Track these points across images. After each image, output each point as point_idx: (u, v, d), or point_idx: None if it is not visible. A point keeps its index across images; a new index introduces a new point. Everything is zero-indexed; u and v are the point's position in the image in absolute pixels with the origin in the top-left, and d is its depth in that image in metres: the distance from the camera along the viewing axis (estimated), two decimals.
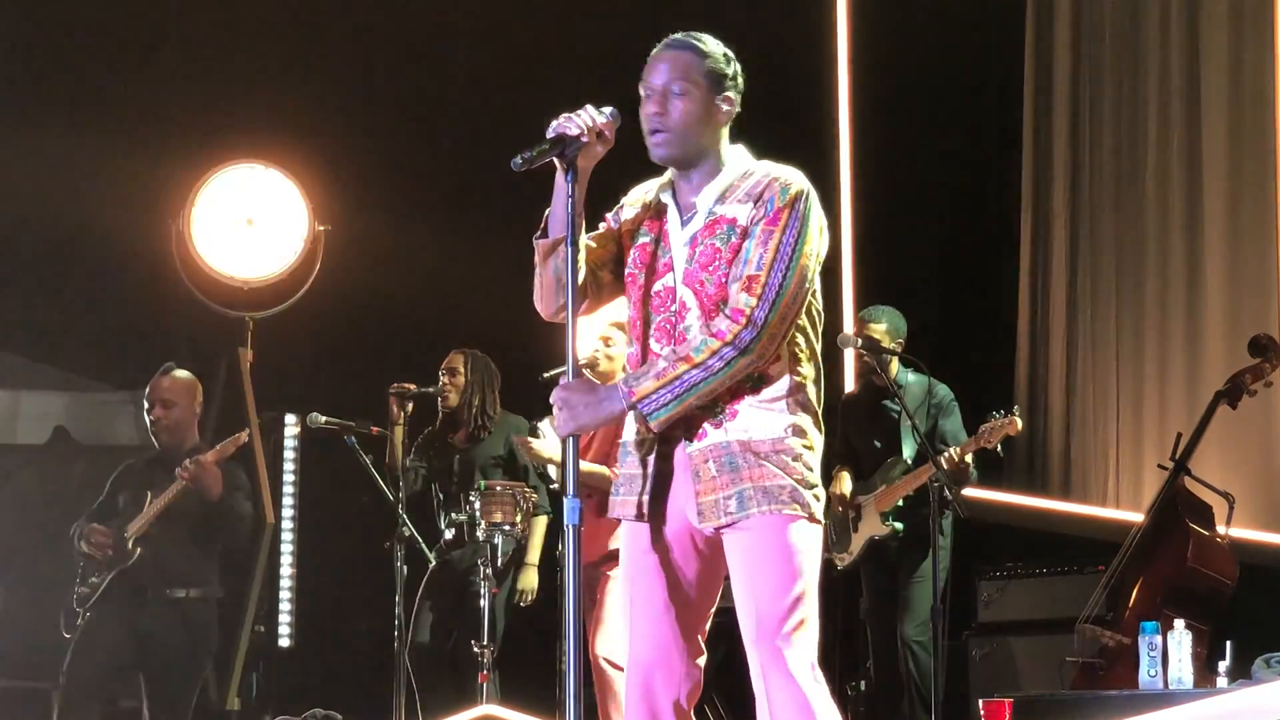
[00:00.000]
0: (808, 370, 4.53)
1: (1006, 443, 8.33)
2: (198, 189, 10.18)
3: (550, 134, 4.46)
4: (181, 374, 8.24)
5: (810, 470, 4.48)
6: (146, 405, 8.22)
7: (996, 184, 10.82)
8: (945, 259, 10.80)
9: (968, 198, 10.87)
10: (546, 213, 4.54)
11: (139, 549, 7.91)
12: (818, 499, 4.48)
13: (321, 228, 10.20)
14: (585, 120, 4.46)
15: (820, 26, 10.95)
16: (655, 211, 4.63)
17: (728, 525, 4.43)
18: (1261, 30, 9.44)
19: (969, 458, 8.34)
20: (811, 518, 4.45)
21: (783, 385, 4.48)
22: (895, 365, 8.78)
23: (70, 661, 7.90)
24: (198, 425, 8.39)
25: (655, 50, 4.62)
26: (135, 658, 7.97)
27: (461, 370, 9.17)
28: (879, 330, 8.65)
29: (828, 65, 10.91)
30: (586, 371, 7.44)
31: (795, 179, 4.53)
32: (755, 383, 4.46)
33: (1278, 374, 8.11)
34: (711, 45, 4.62)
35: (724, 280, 4.46)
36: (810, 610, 4.43)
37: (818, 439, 4.54)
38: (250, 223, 10.16)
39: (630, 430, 4.59)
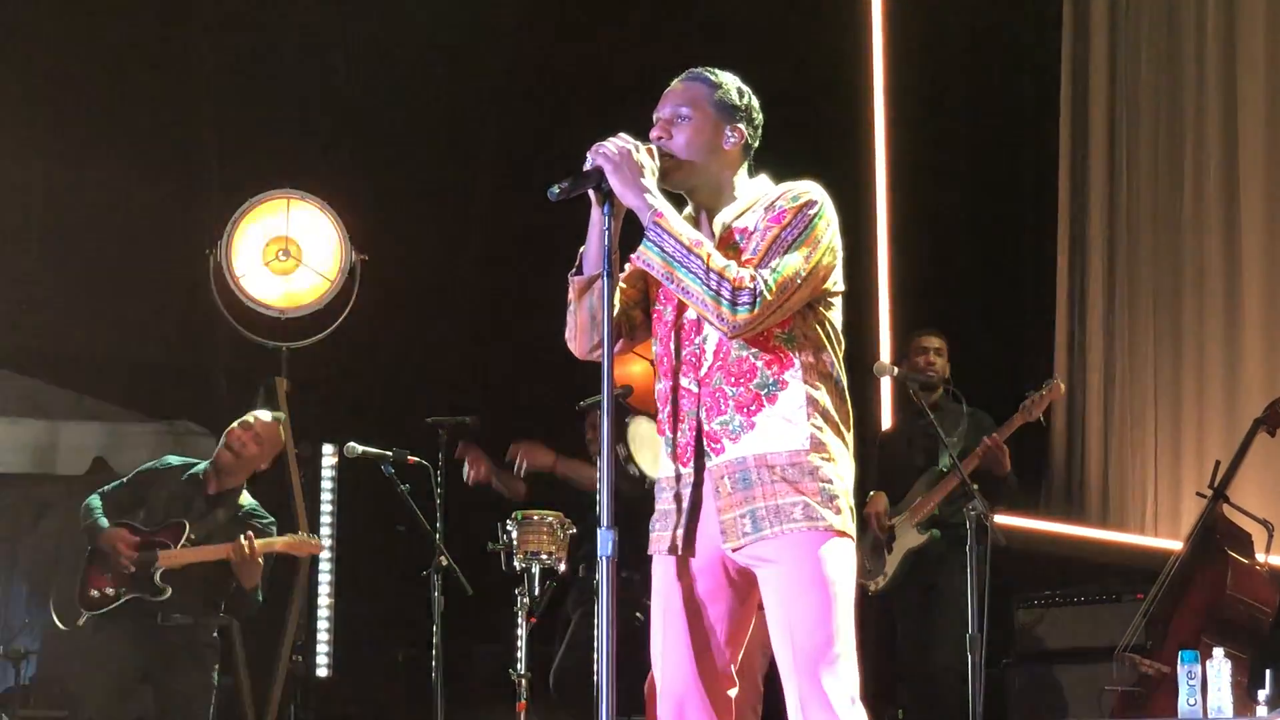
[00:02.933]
0: (823, 383, 4.51)
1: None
2: (237, 219, 10.20)
3: (588, 165, 4.48)
4: (272, 418, 8.34)
5: (829, 483, 4.45)
6: (236, 436, 8.29)
7: (1033, 213, 10.82)
8: (982, 288, 10.80)
9: (1004, 227, 10.88)
10: (581, 250, 4.55)
11: (168, 588, 8.02)
12: (839, 512, 4.45)
13: (359, 257, 10.20)
14: (620, 149, 4.46)
15: (855, 54, 10.98)
16: None
17: (745, 546, 4.41)
18: None
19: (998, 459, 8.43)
20: (832, 529, 4.42)
21: (799, 397, 4.47)
22: (939, 393, 8.85)
23: (79, 674, 8.01)
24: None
25: (676, 81, 4.67)
26: (142, 675, 8.09)
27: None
28: (936, 343, 8.79)
29: (864, 90, 10.92)
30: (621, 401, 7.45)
31: (807, 188, 4.56)
32: (769, 393, 4.46)
33: None
34: (725, 78, 4.67)
35: None
36: (848, 638, 4.42)
37: (841, 452, 4.52)
38: (288, 253, 10.18)
39: (664, 466, 4.60)
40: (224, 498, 8.30)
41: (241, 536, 8.04)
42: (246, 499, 8.42)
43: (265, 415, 8.48)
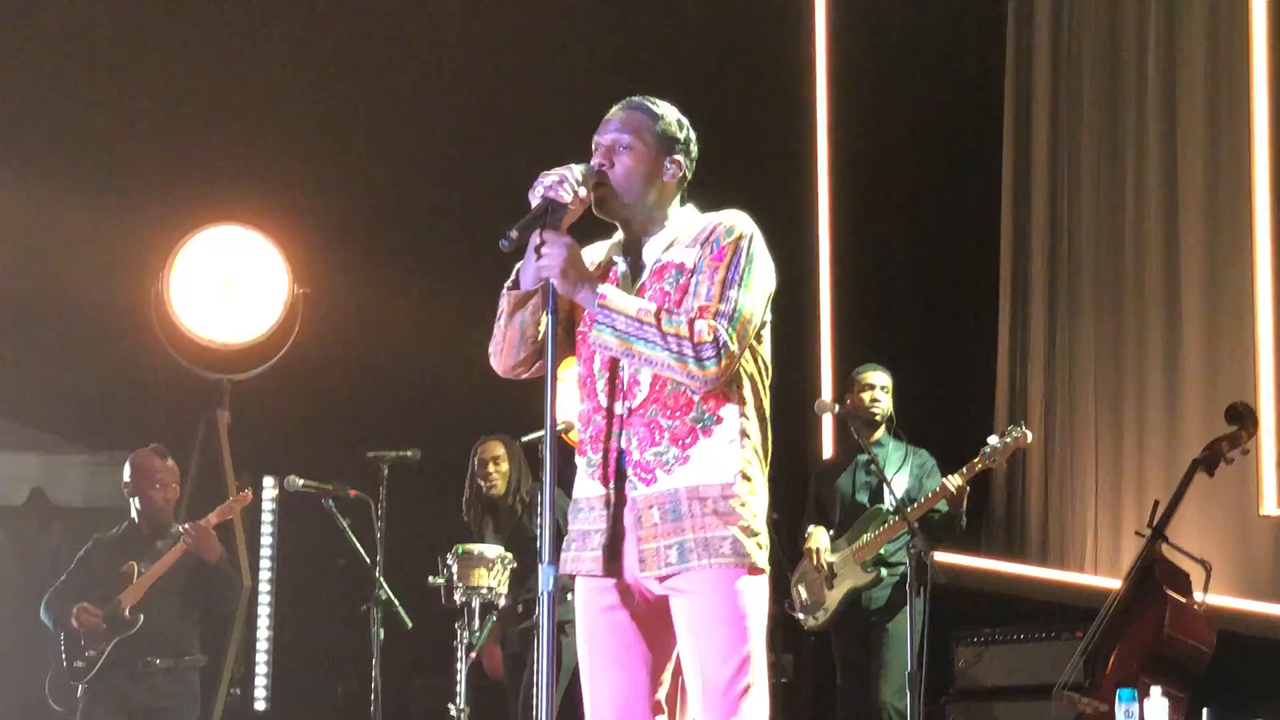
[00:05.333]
0: (754, 416, 4.53)
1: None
2: (177, 251, 10.20)
3: (537, 199, 4.46)
4: (169, 459, 8.40)
5: (755, 517, 4.48)
6: (143, 484, 8.33)
7: (976, 249, 10.84)
8: (924, 323, 10.83)
9: (947, 261, 10.91)
10: (518, 266, 4.54)
11: (140, 616, 8.05)
12: (761, 547, 4.47)
13: (301, 290, 10.21)
14: (571, 185, 4.46)
15: (798, 90, 11.02)
16: (604, 271, 4.62)
17: (668, 576, 4.43)
18: (1237, 98, 9.50)
19: (956, 500, 8.45)
20: (753, 569, 4.45)
21: (733, 431, 4.48)
22: (881, 430, 8.88)
23: None
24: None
25: (616, 108, 4.67)
26: None
27: (505, 457, 9.16)
28: (881, 379, 8.80)
29: (807, 125, 10.98)
30: (565, 435, 7.46)
31: (739, 220, 4.56)
32: (705, 426, 4.46)
33: (1254, 442, 8.13)
34: (665, 109, 4.67)
35: None
36: (759, 673, 4.45)
37: (762, 486, 4.54)
38: (229, 285, 10.18)
39: (583, 486, 4.59)
40: (159, 527, 8.40)
41: (181, 528, 8.16)
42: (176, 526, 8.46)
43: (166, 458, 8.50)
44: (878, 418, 8.89)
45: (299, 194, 10.71)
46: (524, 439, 8.83)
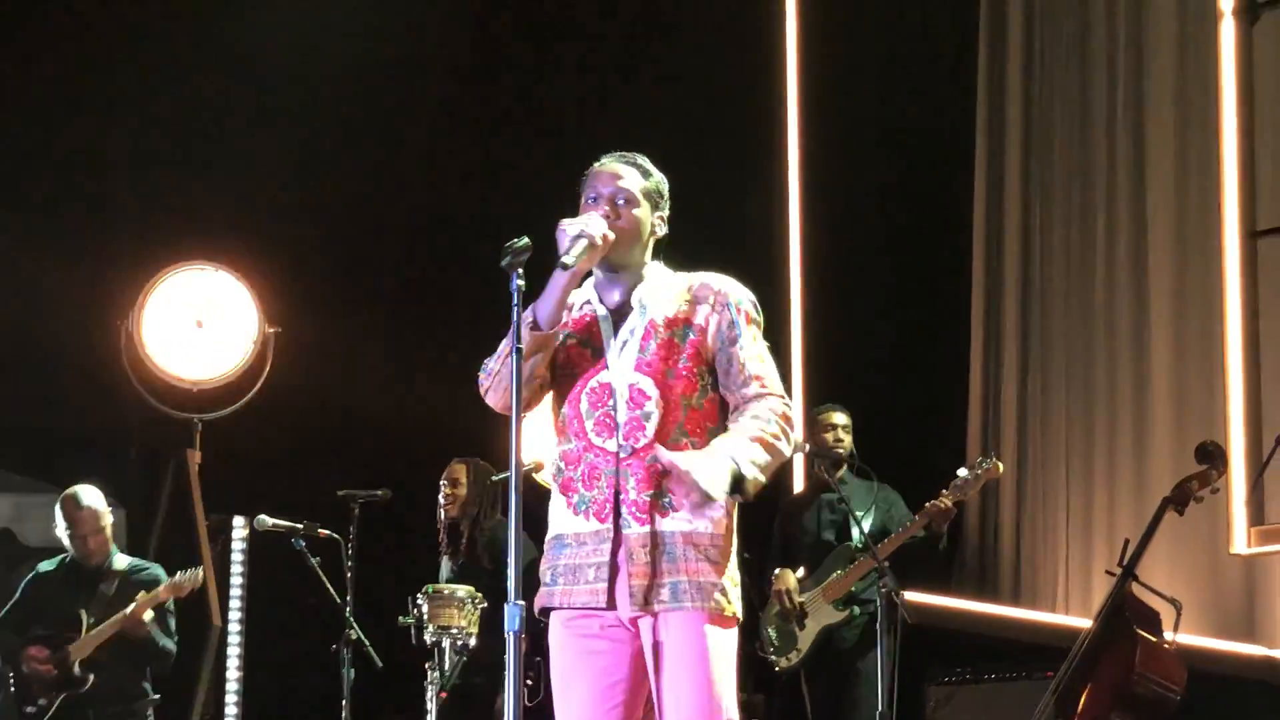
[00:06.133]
0: None
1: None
2: (148, 290, 10.18)
3: (583, 239, 4.58)
4: (90, 502, 8.48)
5: (737, 568, 4.67)
6: (75, 531, 8.46)
7: (948, 289, 10.85)
8: (895, 361, 10.84)
9: (919, 302, 10.92)
10: (533, 306, 4.60)
11: (90, 675, 8.09)
12: (739, 598, 4.68)
13: (271, 329, 10.20)
14: (600, 230, 4.63)
15: (770, 137, 11.05)
16: (578, 312, 4.78)
17: (654, 615, 4.58)
18: (1207, 139, 9.55)
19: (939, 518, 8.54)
20: (735, 617, 4.66)
21: None
22: (844, 468, 8.91)
23: None
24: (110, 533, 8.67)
25: (602, 161, 4.84)
26: None
27: (464, 482, 9.16)
28: (842, 419, 8.83)
29: (778, 147, 11.00)
30: (535, 476, 7.45)
31: (740, 287, 4.81)
32: None
33: (1224, 481, 8.17)
34: (652, 168, 4.86)
35: (686, 374, 4.67)
36: (733, 713, 4.59)
37: (734, 533, 4.72)
38: (200, 324, 10.17)
39: (567, 522, 4.70)
40: (102, 570, 8.48)
41: (127, 609, 8.21)
42: (121, 560, 8.57)
43: (85, 497, 8.53)
44: (841, 456, 8.93)
45: (270, 233, 10.67)
46: (494, 478, 8.82)
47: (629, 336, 4.71)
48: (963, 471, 8.60)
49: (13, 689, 8.23)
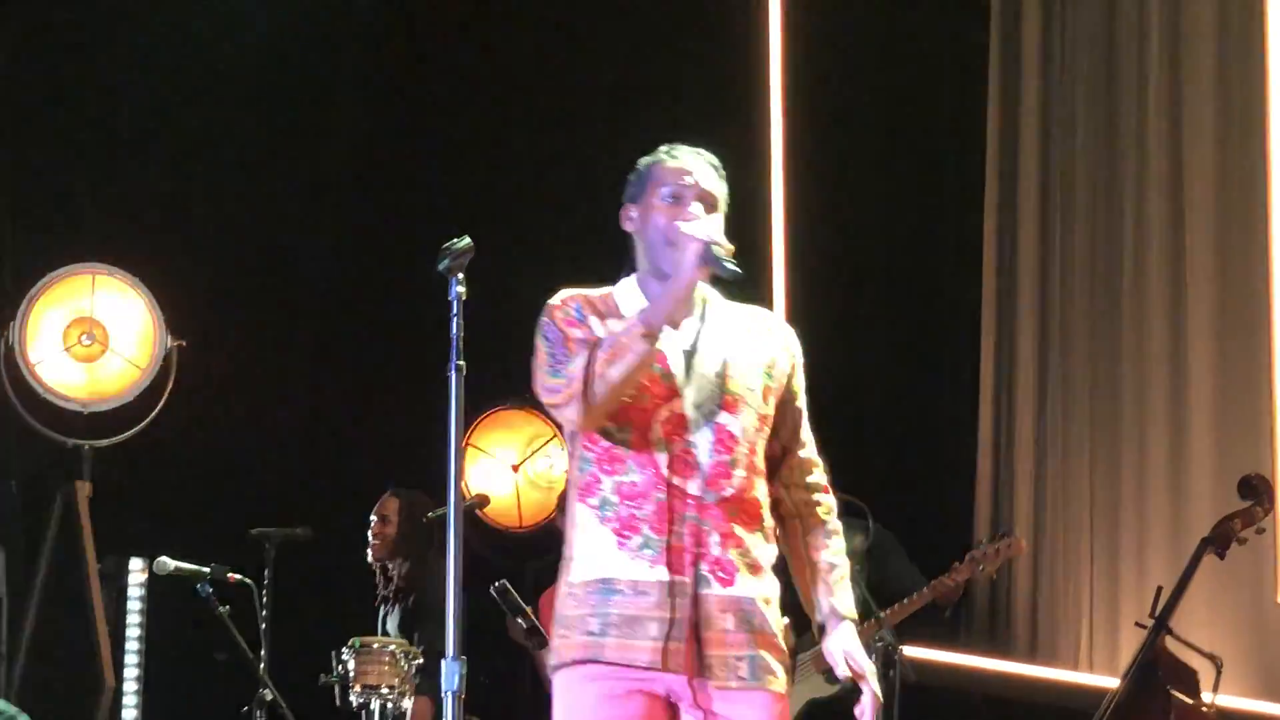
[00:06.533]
0: None
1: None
2: (33, 297, 10.15)
3: (698, 246, 4.73)
4: None
5: None
6: None
7: (953, 308, 10.84)
8: (898, 390, 10.83)
9: (922, 325, 10.90)
10: (643, 315, 4.73)
11: None
12: None
13: (175, 343, 10.18)
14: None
15: (756, 168, 11.04)
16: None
17: (722, 689, 4.73)
18: (1249, 134, 9.52)
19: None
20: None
21: (774, 548, 4.93)
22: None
23: None
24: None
25: (688, 150, 5.02)
26: None
27: (394, 520, 9.14)
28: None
29: (761, 173, 10.99)
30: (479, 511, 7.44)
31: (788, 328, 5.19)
32: (768, 537, 4.91)
33: (1271, 519, 8.10)
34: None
35: (763, 419, 4.93)
36: None
37: None
38: (92, 336, 10.13)
39: (624, 567, 4.75)
40: None
41: None
42: None
43: None
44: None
45: (176, 235, 10.67)
46: (429, 515, 8.83)
47: (707, 365, 4.86)
48: (980, 545, 8.66)
49: None
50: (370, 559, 9.26)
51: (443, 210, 10.65)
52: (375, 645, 8.39)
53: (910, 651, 7.96)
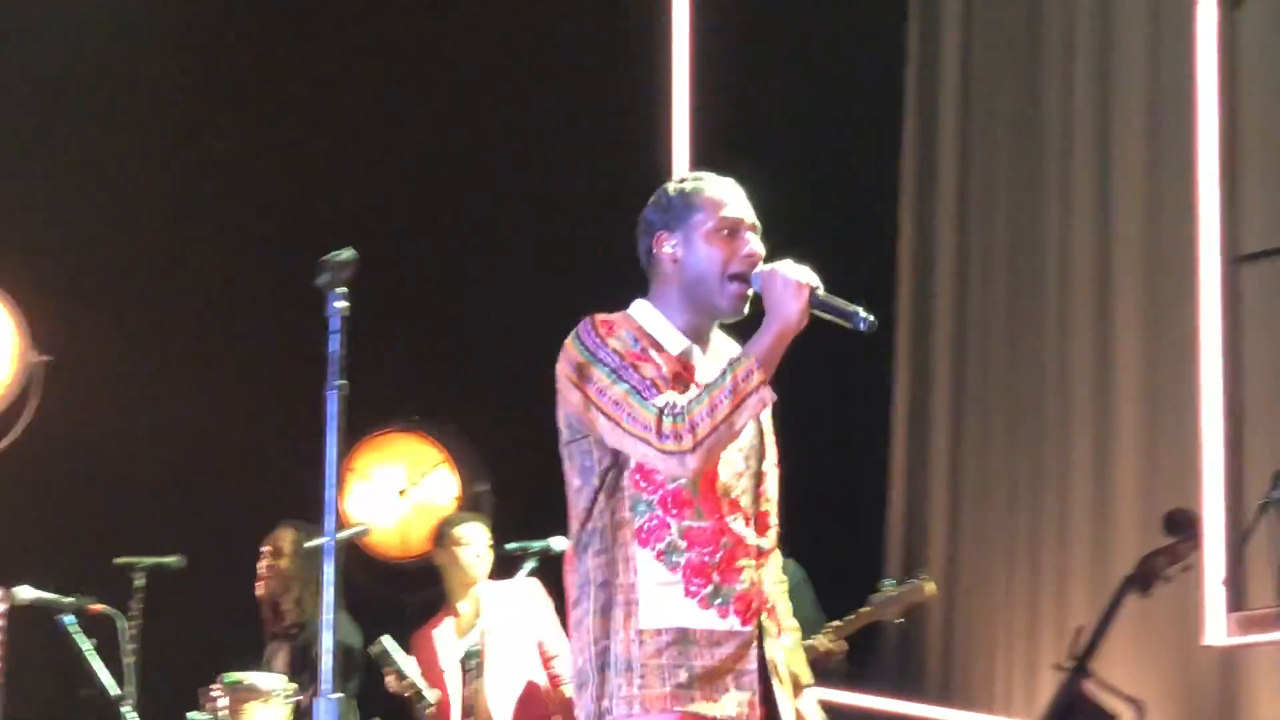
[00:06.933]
0: None
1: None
2: None
3: (804, 292, 4.92)
4: None
5: None
6: None
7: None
8: (808, 415, 10.73)
9: (838, 351, 10.82)
10: (761, 361, 4.83)
11: None
12: None
13: (40, 358, 10.15)
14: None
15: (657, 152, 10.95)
16: (682, 364, 4.88)
17: None
18: (1181, 148, 9.45)
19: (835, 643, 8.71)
20: None
21: None
22: None
23: None
24: None
25: (724, 179, 5.01)
26: None
27: (288, 553, 9.07)
28: None
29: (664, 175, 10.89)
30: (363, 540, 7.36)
31: None
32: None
33: (1197, 556, 8.11)
34: None
35: (777, 461, 5.13)
36: None
37: None
38: None
39: (694, 616, 4.74)
40: None
41: None
42: None
43: None
44: None
45: (39, 240, 10.53)
46: (309, 544, 8.70)
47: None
48: (885, 585, 8.83)
49: None
50: (260, 593, 9.27)
51: (328, 219, 10.61)
52: (246, 681, 8.38)
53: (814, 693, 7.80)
